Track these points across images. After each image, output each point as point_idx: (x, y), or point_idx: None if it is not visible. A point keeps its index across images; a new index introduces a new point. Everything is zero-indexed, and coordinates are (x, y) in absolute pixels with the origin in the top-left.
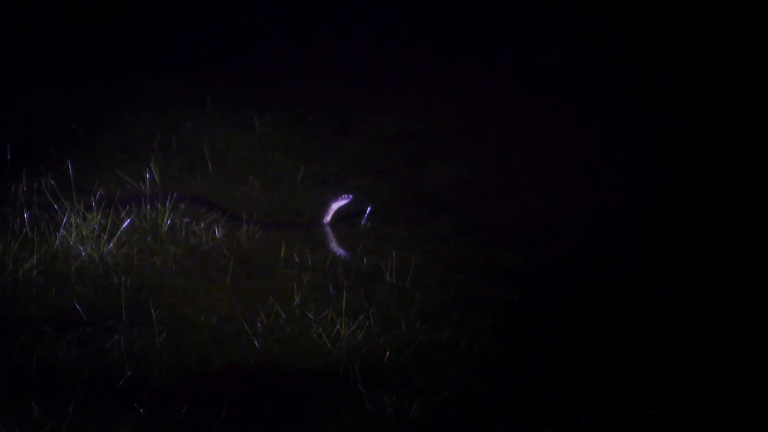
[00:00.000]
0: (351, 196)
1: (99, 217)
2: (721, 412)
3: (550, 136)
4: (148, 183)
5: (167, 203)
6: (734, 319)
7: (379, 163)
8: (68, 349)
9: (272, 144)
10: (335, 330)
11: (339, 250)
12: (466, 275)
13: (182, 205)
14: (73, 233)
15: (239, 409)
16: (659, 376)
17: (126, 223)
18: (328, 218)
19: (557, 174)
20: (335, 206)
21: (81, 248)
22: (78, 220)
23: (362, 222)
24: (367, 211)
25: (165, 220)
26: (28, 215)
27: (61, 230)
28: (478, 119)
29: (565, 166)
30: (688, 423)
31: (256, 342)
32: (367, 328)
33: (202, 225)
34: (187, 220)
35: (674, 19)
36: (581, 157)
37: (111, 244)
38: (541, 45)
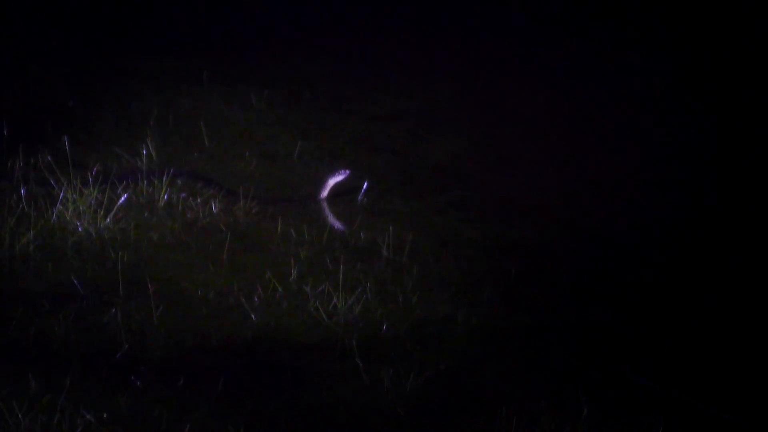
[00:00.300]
0: (348, 172)
1: (96, 192)
2: (717, 383)
3: (548, 113)
4: (144, 159)
5: (164, 179)
6: (729, 291)
7: (376, 139)
8: (65, 323)
9: (269, 120)
10: (332, 304)
11: (336, 225)
12: (462, 250)
13: (179, 181)
14: (70, 208)
15: (236, 382)
16: (657, 349)
17: (123, 199)
18: (324, 193)
19: (554, 151)
20: (332, 181)
21: (78, 223)
22: (75, 196)
23: (359, 197)
24: (364, 187)
25: (162, 195)
26: (25, 191)
27: (58, 205)
28: (474, 96)
29: (562, 143)
30: (684, 394)
31: (253, 316)
32: (365, 303)
33: (199, 200)
34: (184, 195)
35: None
36: (577, 134)
37: (108, 219)
38: (538, 24)
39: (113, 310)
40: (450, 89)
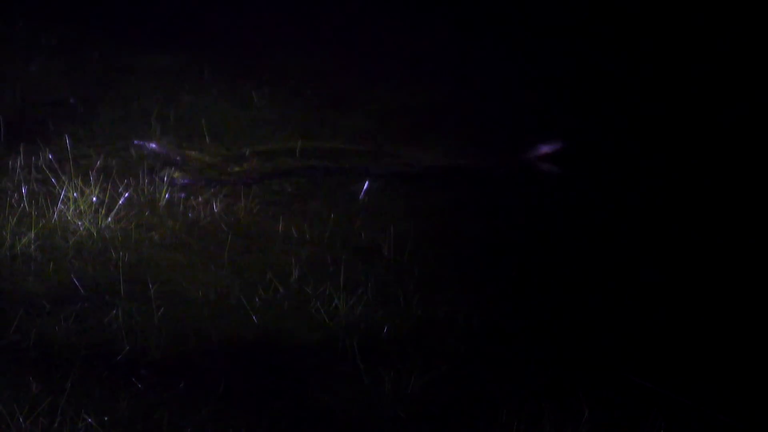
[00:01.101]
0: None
1: (97, 191)
2: (719, 386)
3: (555, 107)
4: (146, 156)
5: (165, 178)
6: (734, 289)
7: (377, 136)
8: (66, 324)
9: (269, 117)
10: (333, 305)
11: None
12: (463, 250)
13: (181, 180)
14: (71, 208)
15: (237, 384)
16: (660, 351)
17: (124, 198)
18: None
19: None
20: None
21: (79, 223)
22: (76, 195)
23: (360, 196)
24: (365, 186)
25: (163, 194)
26: (26, 190)
27: (59, 205)
28: (478, 93)
29: (565, 140)
30: (686, 397)
31: (254, 317)
32: (366, 303)
33: (200, 199)
34: (183, 195)
35: None
36: (580, 130)
37: (109, 219)
38: (537, 19)
39: (114, 311)
40: (453, 86)
